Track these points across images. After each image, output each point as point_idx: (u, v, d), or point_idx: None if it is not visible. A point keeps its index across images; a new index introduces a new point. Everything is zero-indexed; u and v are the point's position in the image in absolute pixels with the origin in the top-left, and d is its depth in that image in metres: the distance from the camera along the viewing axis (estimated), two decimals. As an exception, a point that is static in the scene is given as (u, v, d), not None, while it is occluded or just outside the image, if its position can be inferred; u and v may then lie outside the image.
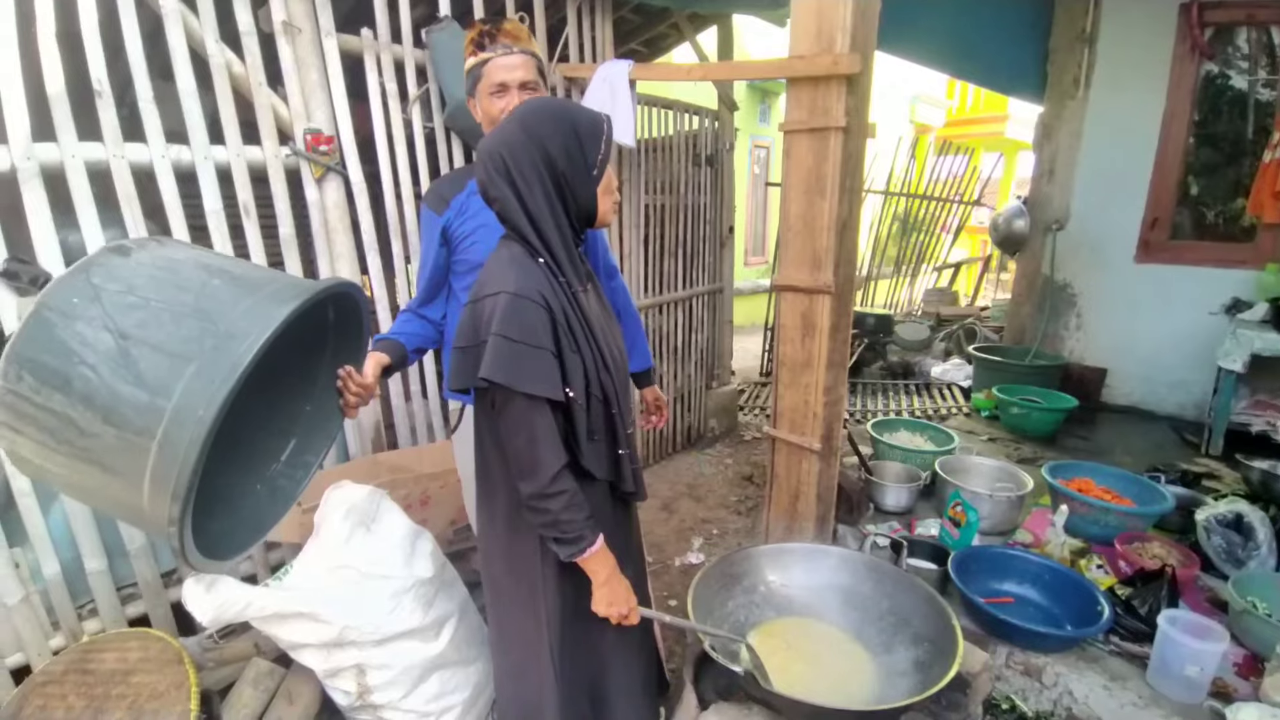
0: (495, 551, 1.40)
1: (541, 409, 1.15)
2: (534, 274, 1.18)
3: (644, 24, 3.99)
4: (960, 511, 2.20)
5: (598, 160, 1.20)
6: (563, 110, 1.22)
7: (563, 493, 1.17)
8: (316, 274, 2.18)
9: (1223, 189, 3.64)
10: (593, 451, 1.25)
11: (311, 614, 1.56)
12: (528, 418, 1.14)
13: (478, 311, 1.17)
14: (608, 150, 1.22)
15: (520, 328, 1.12)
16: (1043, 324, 4.11)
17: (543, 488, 1.16)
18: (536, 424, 1.15)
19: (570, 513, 1.18)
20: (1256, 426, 3.04)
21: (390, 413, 2.48)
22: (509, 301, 1.12)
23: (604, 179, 1.23)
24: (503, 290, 1.14)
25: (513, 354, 1.11)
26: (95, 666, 1.63)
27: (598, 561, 1.24)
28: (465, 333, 1.19)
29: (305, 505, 2.00)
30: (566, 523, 1.18)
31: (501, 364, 1.11)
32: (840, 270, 1.93)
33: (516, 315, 1.12)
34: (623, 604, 1.29)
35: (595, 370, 1.23)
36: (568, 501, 1.18)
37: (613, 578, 1.28)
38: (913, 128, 11.07)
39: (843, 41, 1.77)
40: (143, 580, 1.89)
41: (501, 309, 1.12)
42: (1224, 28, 3.45)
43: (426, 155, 2.42)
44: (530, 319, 1.13)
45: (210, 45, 1.87)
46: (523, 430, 1.15)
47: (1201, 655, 1.55)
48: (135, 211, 1.77)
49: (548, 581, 1.32)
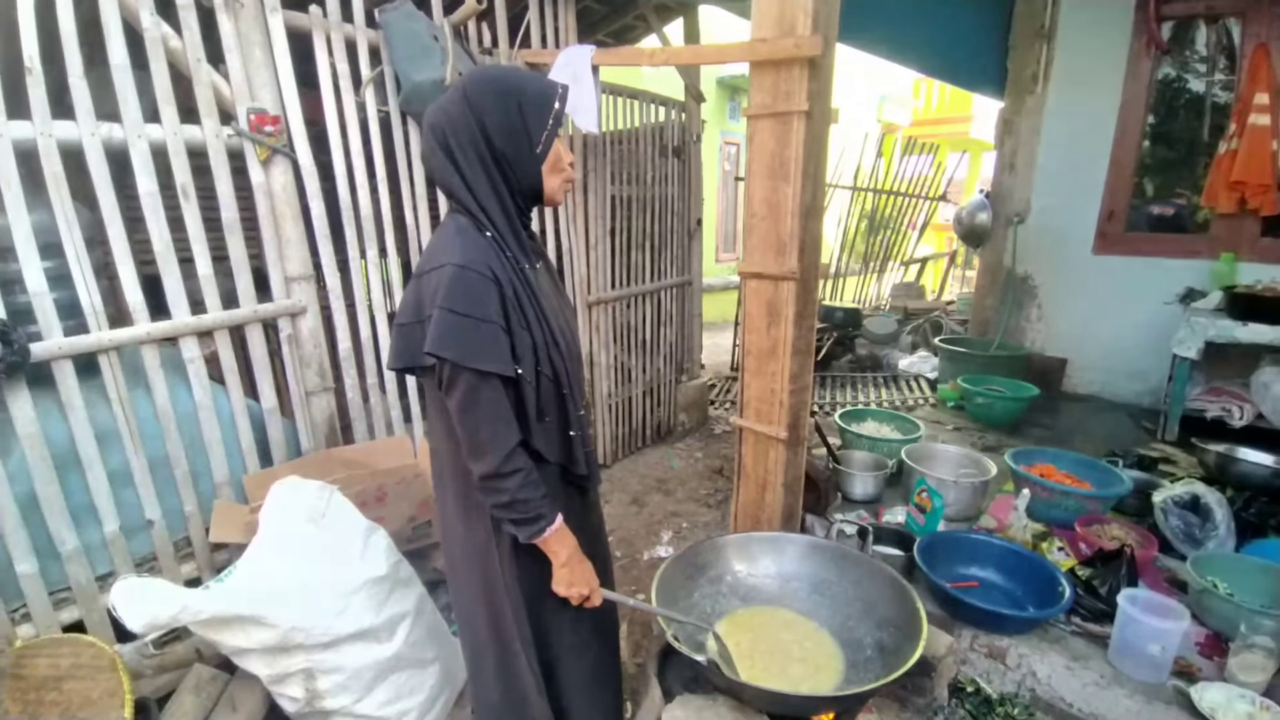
0: (451, 538, 1.34)
1: (492, 384, 1.09)
2: (481, 247, 1.12)
3: (610, 14, 3.95)
4: (926, 498, 2.20)
5: (542, 137, 1.14)
6: (507, 82, 1.15)
7: (518, 471, 1.12)
8: (263, 262, 2.08)
9: (1178, 182, 3.74)
10: (542, 432, 1.20)
11: (254, 617, 1.48)
12: (477, 394, 1.09)
13: (422, 285, 1.11)
14: (556, 124, 1.15)
15: (467, 300, 1.06)
16: (1005, 316, 4.18)
17: (496, 466, 1.11)
18: (486, 400, 1.09)
19: (527, 491, 1.13)
20: (1211, 412, 3.12)
21: (347, 410, 2.39)
22: (455, 273, 1.07)
23: (551, 156, 1.17)
24: (449, 262, 1.08)
25: (460, 327, 1.06)
26: (28, 672, 1.55)
27: (557, 541, 1.20)
28: (408, 308, 1.13)
29: (252, 504, 1.91)
30: (523, 502, 1.14)
31: (449, 338, 1.05)
32: (805, 257, 1.90)
33: (463, 287, 1.06)
34: (583, 585, 1.25)
35: (545, 348, 1.17)
36: (523, 480, 1.13)
37: (573, 558, 1.23)
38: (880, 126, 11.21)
39: (804, 24, 1.75)
40: (76, 584, 1.78)
41: (447, 281, 1.06)
42: (1182, 22, 3.54)
43: (381, 140, 2.33)
44: (477, 291, 1.07)
45: (145, 18, 1.77)
46: (473, 407, 1.09)
47: (1163, 634, 1.56)
48: (63, 193, 1.67)
49: (505, 568, 1.26)
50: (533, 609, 1.30)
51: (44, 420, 1.67)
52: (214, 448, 1.99)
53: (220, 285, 1.97)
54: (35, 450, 1.65)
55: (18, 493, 1.65)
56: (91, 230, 1.77)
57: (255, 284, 2.05)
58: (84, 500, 1.77)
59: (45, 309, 1.65)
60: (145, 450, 1.84)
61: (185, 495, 1.94)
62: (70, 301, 1.70)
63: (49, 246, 1.66)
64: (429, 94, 2.24)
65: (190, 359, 1.92)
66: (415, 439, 2.57)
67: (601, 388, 3.61)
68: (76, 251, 1.69)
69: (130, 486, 1.84)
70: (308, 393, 2.22)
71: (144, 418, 1.84)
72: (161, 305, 1.86)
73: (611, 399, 3.73)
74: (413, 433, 2.61)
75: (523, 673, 1.31)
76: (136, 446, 1.82)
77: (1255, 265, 3.30)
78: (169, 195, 1.84)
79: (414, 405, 2.62)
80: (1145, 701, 1.56)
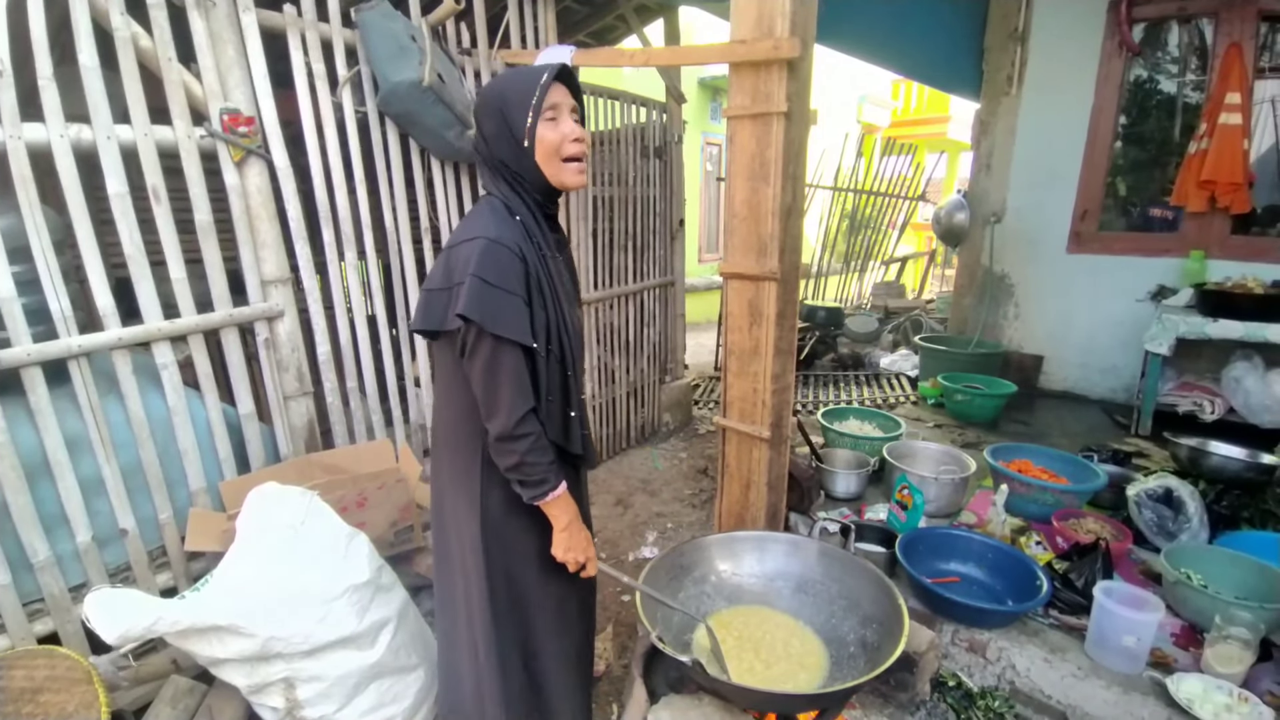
0: (439, 502, 1.41)
1: (512, 351, 1.17)
2: (512, 227, 1.21)
3: (590, 15, 3.94)
4: (907, 495, 2.22)
5: (525, 126, 1.19)
6: (496, 89, 1.24)
7: (529, 434, 1.20)
8: (239, 265, 2.05)
9: (1150, 182, 3.81)
10: (546, 409, 1.27)
11: (232, 626, 1.45)
12: (497, 359, 1.16)
13: (453, 256, 1.18)
14: (538, 109, 1.18)
15: (497, 271, 1.14)
16: (984, 314, 4.24)
17: (510, 428, 1.18)
18: (505, 365, 1.17)
19: (535, 455, 1.21)
20: (1183, 406, 3.19)
21: (326, 414, 2.36)
22: (486, 246, 1.15)
23: (542, 145, 1.21)
24: (481, 235, 1.16)
25: (489, 295, 1.13)
26: (4, 684, 1.52)
27: (559, 506, 1.28)
28: (437, 276, 1.21)
29: (229, 512, 1.88)
30: (531, 465, 1.21)
31: (477, 304, 1.12)
32: (785, 257, 1.92)
33: (494, 259, 1.15)
34: (580, 551, 1.32)
35: (557, 328, 1.25)
36: (532, 444, 1.20)
37: (573, 524, 1.31)
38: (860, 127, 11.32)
39: (783, 26, 1.76)
40: (49, 595, 1.74)
41: (479, 252, 1.14)
42: (1154, 23, 3.61)
43: (359, 141, 2.31)
44: (506, 264, 1.15)
45: (115, 17, 1.73)
46: (494, 371, 1.17)
47: (1137, 625, 1.59)
48: (31, 196, 1.63)
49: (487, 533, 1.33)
50: (512, 580, 1.37)
51: (13, 428, 1.63)
52: (189, 454, 1.96)
53: (194, 289, 1.94)
54: (5, 459, 1.61)
55: (-13, 503, 1.61)
56: (60, 234, 1.73)
57: (231, 287, 2.02)
58: (56, 510, 1.73)
59: (13, 315, 1.60)
60: (118, 458, 1.80)
61: (160, 503, 1.90)
62: (39, 307, 1.66)
63: (16, 251, 1.62)
64: (407, 94, 2.22)
65: (164, 364, 1.88)
66: (396, 443, 2.55)
67: (585, 389, 3.61)
68: (45, 256, 1.65)
69: (103, 495, 1.80)
70: (286, 397, 2.19)
71: (116, 425, 1.80)
72: (134, 310, 1.82)
73: (595, 400, 3.73)
74: (394, 437, 2.59)
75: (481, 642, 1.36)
76: (109, 454, 1.78)
77: (1225, 263, 3.37)
78: (140, 197, 1.80)
79: (395, 409, 2.59)
80: (1122, 692, 1.59)
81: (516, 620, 1.40)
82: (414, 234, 2.57)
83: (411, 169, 2.51)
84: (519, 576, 1.37)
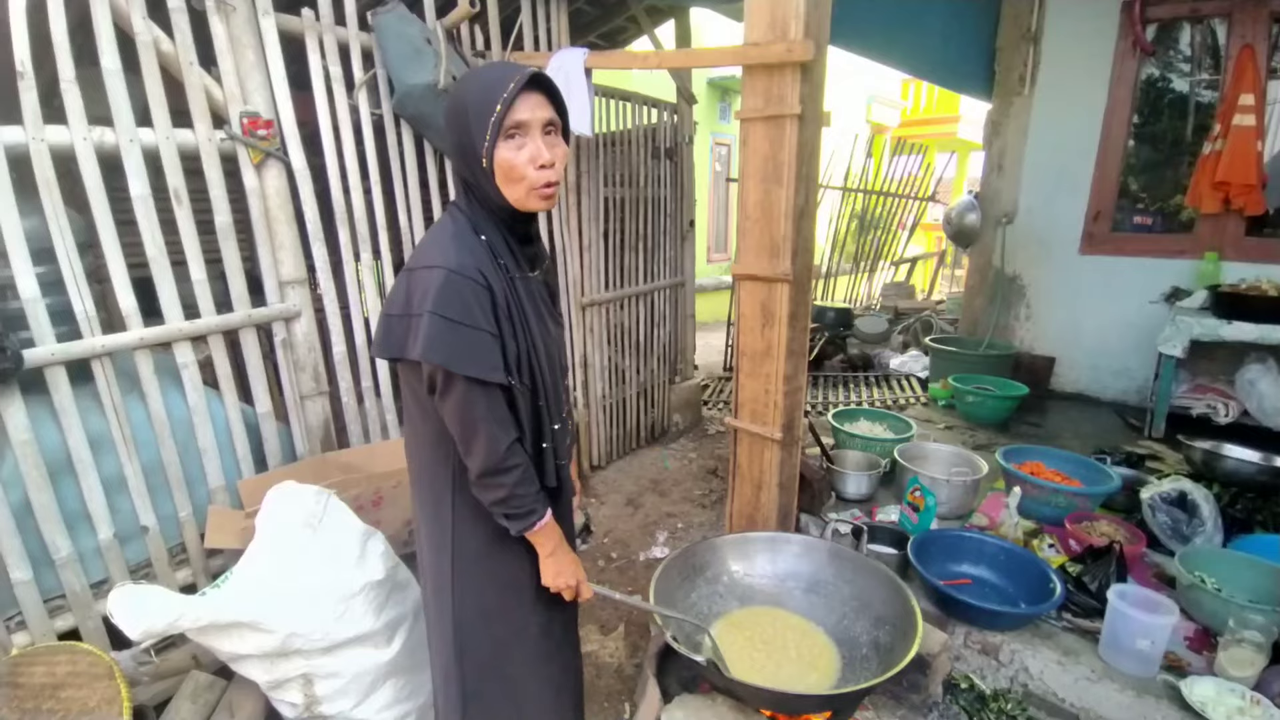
0: (420, 529, 1.34)
1: (487, 388, 1.10)
2: (476, 250, 1.12)
3: (601, 16, 3.96)
4: (919, 496, 2.22)
5: (483, 146, 1.06)
6: (461, 94, 1.10)
7: (515, 467, 1.14)
8: (256, 266, 2.08)
9: (1163, 183, 3.79)
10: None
11: (252, 623, 1.48)
12: (471, 398, 1.09)
13: (414, 281, 1.09)
14: (497, 127, 1.04)
15: (460, 307, 1.05)
16: (994, 315, 4.22)
17: (496, 464, 1.12)
18: (480, 403, 1.10)
19: (523, 487, 1.16)
20: (1197, 409, 3.17)
21: (341, 414, 2.38)
22: (446, 278, 1.05)
23: (501, 166, 1.08)
24: (440, 265, 1.06)
25: (453, 335, 1.05)
26: (25, 680, 1.55)
27: (544, 535, 1.22)
28: (398, 301, 1.11)
29: (248, 510, 1.91)
30: (520, 497, 1.16)
31: (440, 344, 1.04)
32: (798, 259, 1.92)
33: (456, 293, 1.05)
34: (570, 575, 1.27)
35: (527, 358, 1.17)
36: (520, 476, 1.15)
37: (558, 550, 1.25)
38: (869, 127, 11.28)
39: (796, 29, 1.76)
40: (70, 592, 1.77)
41: (438, 286, 1.04)
42: (1166, 23, 3.58)
43: (374, 143, 2.33)
44: (469, 298, 1.06)
45: (137, 21, 1.76)
46: (467, 410, 1.10)
47: (1151, 628, 1.59)
48: (55, 198, 1.66)
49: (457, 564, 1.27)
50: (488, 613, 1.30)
51: (37, 427, 1.66)
52: (208, 453, 1.99)
53: (214, 289, 1.96)
54: (28, 457, 1.64)
55: (11, 500, 1.64)
56: (83, 235, 1.75)
57: (249, 288, 2.04)
58: (78, 507, 1.76)
59: (38, 315, 1.64)
60: (139, 456, 1.83)
61: (180, 501, 1.93)
62: (63, 307, 1.69)
63: (41, 252, 1.65)
64: (422, 97, 2.24)
65: (184, 364, 1.91)
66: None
67: (596, 389, 3.62)
68: (69, 257, 1.68)
69: (124, 493, 1.83)
70: (302, 397, 2.21)
71: (138, 423, 1.83)
72: (154, 310, 1.85)
73: (606, 400, 3.74)
74: (408, 436, 2.61)
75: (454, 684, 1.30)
76: (130, 452, 1.81)
77: (1239, 264, 3.34)
78: (161, 199, 1.83)
79: (409, 408, 2.61)
80: (1136, 696, 1.59)
81: (494, 652, 1.32)
82: (428, 235, 2.59)
83: (426, 170, 2.54)
84: (496, 607, 1.30)
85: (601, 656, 2.24)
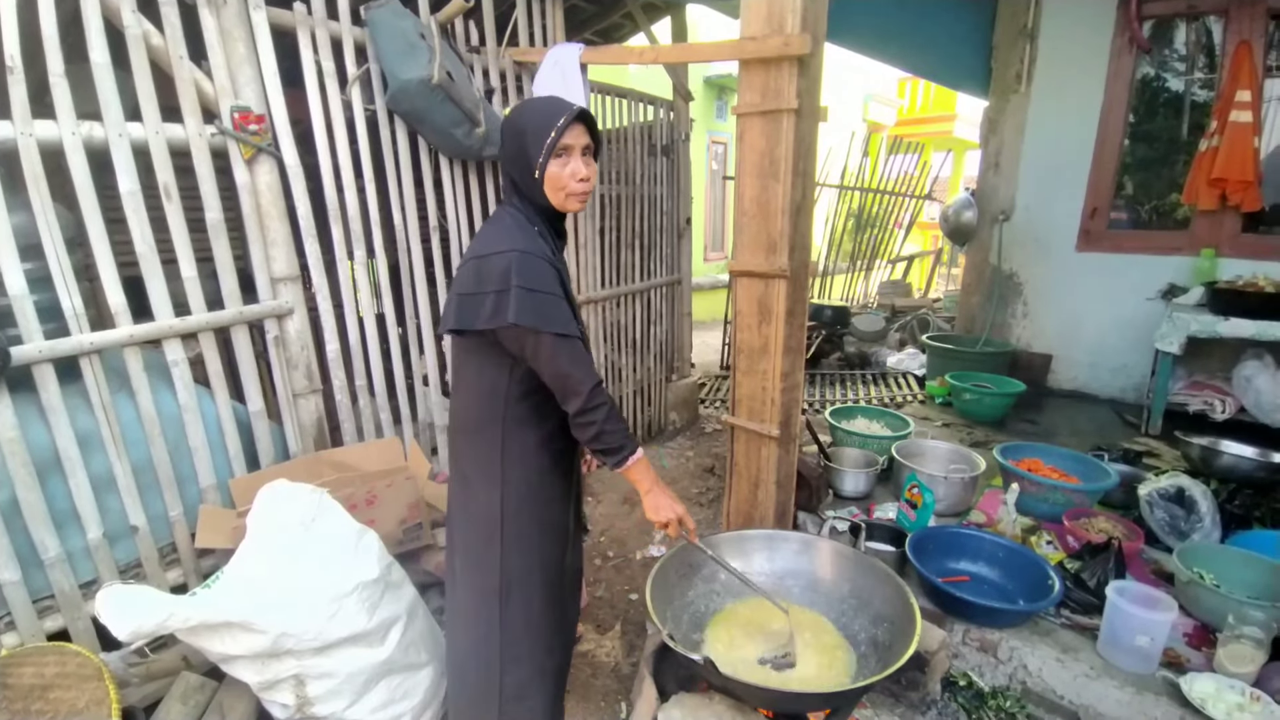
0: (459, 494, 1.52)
1: (570, 340, 1.32)
2: (533, 237, 1.36)
3: (598, 13, 3.94)
4: (917, 494, 2.21)
5: (538, 161, 1.32)
6: (519, 117, 1.37)
7: (602, 404, 1.34)
8: (248, 261, 2.05)
9: (1159, 180, 3.79)
10: None
11: (243, 623, 1.45)
12: (559, 350, 1.31)
13: (485, 265, 1.30)
14: (550, 149, 1.31)
15: (539, 279, 1.29)
16: (991, 313, 4.21)
17: (585, 402, 1.32)
18: (567, 353, 1.32)
19: (611, 423, 1.35)
20: (1194, 406, 3.17)
21: (335, 412, 2.36)
22: (521, 258, 1.28)
23: (551, 176, 1.34)
24: (514, 249, 1.29)
25: (537, 302, 1.28)
26: (14, 681, 1.52)
27: (639, 470, 1.42)
28: (469, 282, 1.33)
29: (239, 509, 1.89)
30: (610, 433, 1.35)
31: (528, 309, 1.27)
32: (795, 254, 1.91)
33: (533, 269, 1.29)
34: (669, 510, 1.44)
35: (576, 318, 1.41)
36: (607, 413, 1.35)
37: (655, 486, 1.45)
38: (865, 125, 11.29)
39: (793, 22, 1.75)
40: (59, 592, 1.74)
41: (517, 264, 1.28)
42: (1163, 21, 3.58)
43: (368, 139, 2.31)
44: (543, 272, 1.31)
45: (126, 15, 1.73)
46: (558, 360, 1.31)
47: (1151, 625, 1.58)
48: (43, 193, 1.63)
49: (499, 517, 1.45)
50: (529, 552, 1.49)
51: (25, 425, 1.63)
52: (199, 452, 1.96)
53: (205, 287, 1.94)
54: (16, 455, 1.61)
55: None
56: (72, 231, 1.73)
57: (241, 285, 2.02)
58: (67, 506, 1.74)
59: (25, 312, 1.61)
60: (129, 455, 1.81)
61: (170, 500, 1.91)
62: (51, 304, 1.66)
63: (28, 248, 1.62)
64: (415, 92, 2.22)
65: (174, 361, 1.89)
66: (405, 441, 2.55)
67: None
68: (57, 253, 1.65)
69: (114, 492, 1.81)
70: (295, 395, 2.19)
71: (127, 422, 1.81)
72: (144, 307, 1.83)
73: (602, 399, 3.72)
74: (402, 435, 2.59)
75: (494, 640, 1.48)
76: (120, 451, 1.79)
77: (1236, 261, 3.34)
78: (151, 195, 1.81)
79: (403, 407, 2.59)
80: (1135, 692, 1.58)
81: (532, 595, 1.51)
82: (423, 232, 2.57)
83: (420, 167, 2.51)
84: (537, 548, 1.50)
85: (598, 656, 2.23)
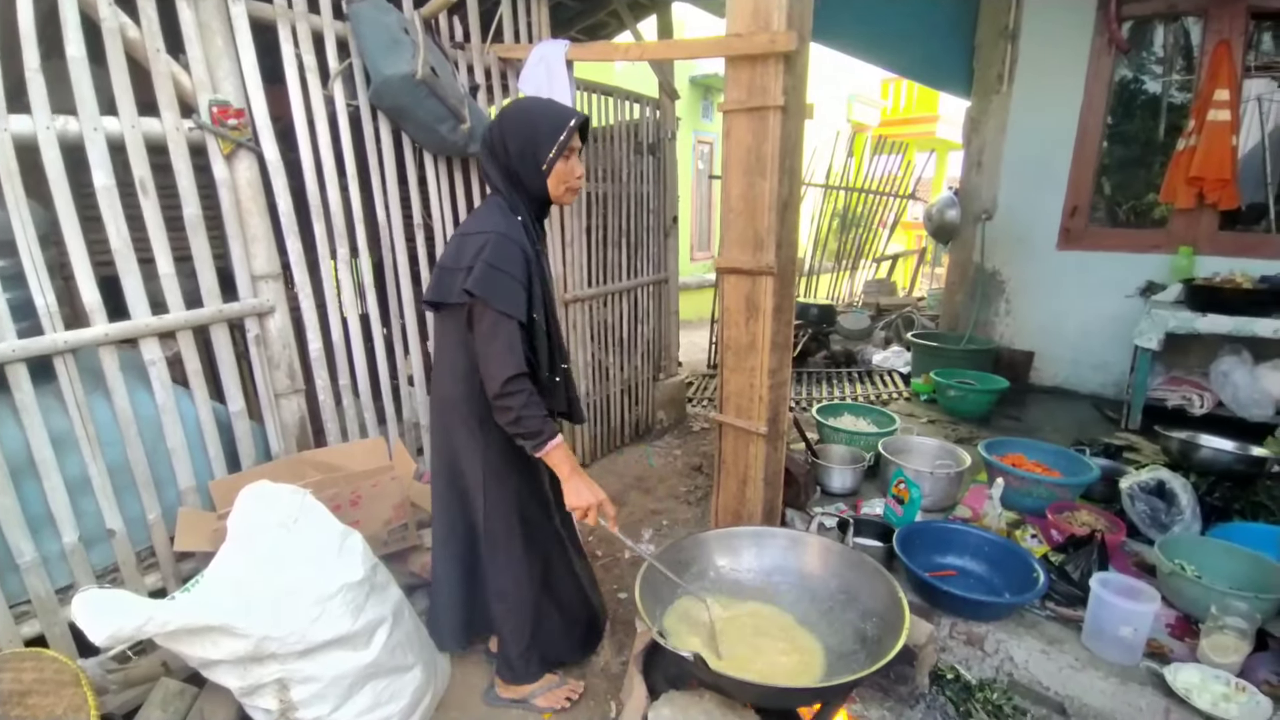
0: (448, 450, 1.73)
1: (509, 324, 1.43)
2: (514, 224, 1.52)
3: (583, 11, 3.93)
4: (903, 489, 2.23)
5: (548, 158, 1.51)
6: (529, 114, 1.55)
7: (520, 391, 1.43)
8: (228, 259, 2.02)
9: (1138, 179, 3.84)
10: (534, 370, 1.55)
11: (224, 626, 1.43)
12: (496, 328, 1.43)
13: (466, 242, 1.48)
14: (561, 148, 1.52)
15: (506, 259, 1.43)
16: (975, 310, 4.26)
17: (501, 388, 1.42)
18: (503, 334, 1.42)
19: (529, 410, 1.45)
20: (1172, 401, 3.22)
21: (319, 413, 2.33)
22: (498, 239, 1.45)
23: (557, 171, 1.54)
24: (494, 230, 1.46)
25: (496, 278, 1.42)
26: (-8, 686, 1.48)
27: (558, 456, 1.51)
28: (450, 257, 1.52)
29: (220, 511, 1.85)
30: (527, 418, 1.45)
31: (484, 283, 1.41)
32: (782, 251, 1.91)
33: (504, 250, 1.44)
34: (590, 496, 1.53)
35: (544, 305, 1.57)
36: (525, 400, 1.44)
37: (574, 474, 1.53)
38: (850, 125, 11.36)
39: (779, 19, 1.76)
40: (35, 597, 1.70)
41: (493, 244, 1.44)
42: (1142, 21, 3.64)
43: (351, 135, 2.28)
44: (512, 255, 1.45)
45: (103, 7, 1.70)
46: (492, 338, 1.43)
47: (1134, 615, 1.60)
48: (17, 189, 1.59)
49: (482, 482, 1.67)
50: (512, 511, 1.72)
51: (-4, 427, 1.59)
52: (178, 453, 1.92)
53: (183, 285, 1.90)
54: (-13, 458, 1.57)
55: (-31, 503, 1.57)
56: (46, 228, 1.69)
57: (220, 283, 1.98)
58: (41, 510, 1.69)
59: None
60: (105, 456, 1.77)
61: (148, 503, 1.87)
62: (24, 302, 1.62)
63: (1, 245, 1.59)
64: (399, 88, 2.19)
65: (151, 361, 1.85)
66: (390, 441, 2.52)
67: (579, 386, 3.59)
68: (30, 250, 1.61)
69: (90, 495, 1.77)
70: (277, 395, 2.16)
71: (103, 423, 1.77)
72: (121, 306, 1.79)
73: (589, 397, 3.71)
74: (387, 435, 2.56)
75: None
76: (95, 453, 1.75)
77: (1213, 258, 3.40)
78: (128, 191, 1.77)
79: (388, 407, 2.56)
80: (1120, 683, 1.59)
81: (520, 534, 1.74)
82: (407, 230, 2.54)
83: (404, 163, 2.48)
84: (520, 509, 1.72)
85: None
